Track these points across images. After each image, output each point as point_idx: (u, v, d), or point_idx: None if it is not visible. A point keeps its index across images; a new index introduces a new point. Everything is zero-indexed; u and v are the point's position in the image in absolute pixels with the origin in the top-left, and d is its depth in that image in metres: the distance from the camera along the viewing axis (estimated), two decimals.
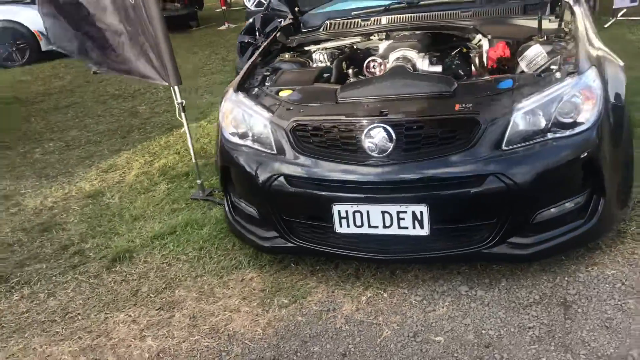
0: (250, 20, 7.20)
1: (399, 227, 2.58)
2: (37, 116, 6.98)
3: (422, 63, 3.04)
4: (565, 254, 2.78)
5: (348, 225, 2.65)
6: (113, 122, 6.36)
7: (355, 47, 3.58)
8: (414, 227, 2.56)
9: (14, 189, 4.63)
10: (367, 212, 2.60)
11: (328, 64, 3.41)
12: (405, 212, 2.54)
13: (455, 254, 2.63)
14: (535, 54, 2.91)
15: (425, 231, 2.56)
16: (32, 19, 9.80)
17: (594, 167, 2.58)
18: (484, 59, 3.16)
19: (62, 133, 6.16)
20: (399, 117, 2.58)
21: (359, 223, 2.63)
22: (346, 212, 2.62)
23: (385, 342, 2.43)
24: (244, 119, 2.98)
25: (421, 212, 2.52)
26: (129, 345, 2.62)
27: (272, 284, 2.90)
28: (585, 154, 2.53)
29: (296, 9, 3.87)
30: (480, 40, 3.28)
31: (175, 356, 2.52)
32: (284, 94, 3.03)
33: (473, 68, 3.14)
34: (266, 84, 3.23)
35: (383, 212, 2.58)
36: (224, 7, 12.92)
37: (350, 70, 3.28)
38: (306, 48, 3.72)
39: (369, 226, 2.62)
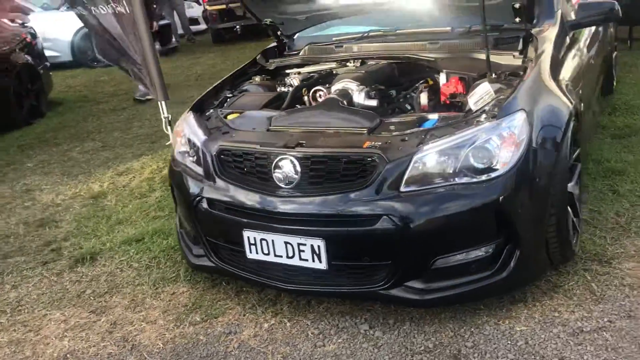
0: None
1: (300, 258, 2.60)
2: (94, 116, 7.57)
3: (359, 96, 3.02)
4: (482, 302, 2.67)
5: (257, 252, 2.70)
6: (154, 126, 6.74)
7: (326, 72, 3.60)
8: (313, 260, 2.57)
9: (37, 184, 5.07)
10: (272, 241, 2.63)
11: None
12: (305, 244, 2.56)
13: (352, 291, 2.61)
14: (483, 92, 2.81)
15: (323, 265, 2.56)
16: None
17: (505, 216, 2.46)
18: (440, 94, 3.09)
19: (106, 134, 6.63)
20: (305, 150, 2.59)
21: (265, 251, 2.67)
22: (254, 239, 2.68)
23: None
24: (188, 139, 3.11)
25: (319, 247, 2.53)
26: (48, 343, 2.83)
27: (197, 300, 3.01)
28: (497, 202, 2.43)
29: (279, 33, 3.95)
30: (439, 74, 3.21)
31: (79, 359, 2.69)
32: (232, 117, 3.14)
33: (422, 103, 3.07)
34: (225, 105, 3.35)
35: (286, 243, 2.60)
36: None
37: (306, 98, 3.32)
38: (287, 71, 3.79)
39: (275, 255, 2.66)
